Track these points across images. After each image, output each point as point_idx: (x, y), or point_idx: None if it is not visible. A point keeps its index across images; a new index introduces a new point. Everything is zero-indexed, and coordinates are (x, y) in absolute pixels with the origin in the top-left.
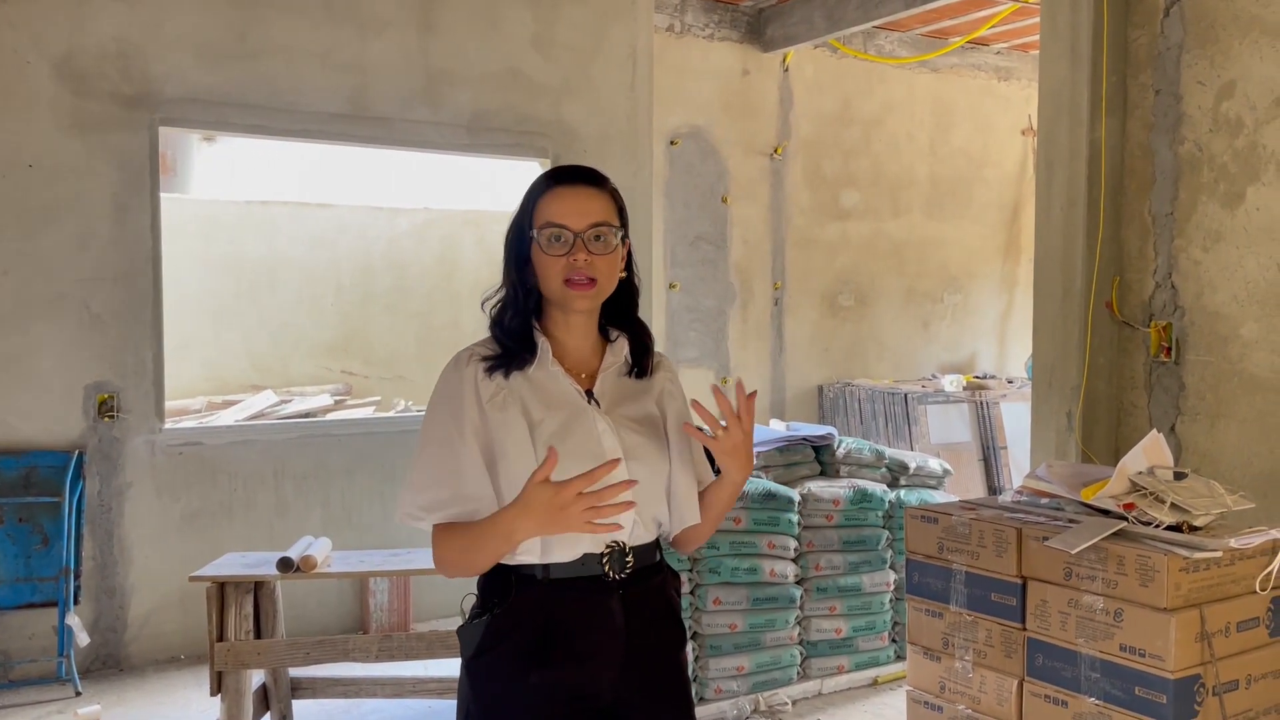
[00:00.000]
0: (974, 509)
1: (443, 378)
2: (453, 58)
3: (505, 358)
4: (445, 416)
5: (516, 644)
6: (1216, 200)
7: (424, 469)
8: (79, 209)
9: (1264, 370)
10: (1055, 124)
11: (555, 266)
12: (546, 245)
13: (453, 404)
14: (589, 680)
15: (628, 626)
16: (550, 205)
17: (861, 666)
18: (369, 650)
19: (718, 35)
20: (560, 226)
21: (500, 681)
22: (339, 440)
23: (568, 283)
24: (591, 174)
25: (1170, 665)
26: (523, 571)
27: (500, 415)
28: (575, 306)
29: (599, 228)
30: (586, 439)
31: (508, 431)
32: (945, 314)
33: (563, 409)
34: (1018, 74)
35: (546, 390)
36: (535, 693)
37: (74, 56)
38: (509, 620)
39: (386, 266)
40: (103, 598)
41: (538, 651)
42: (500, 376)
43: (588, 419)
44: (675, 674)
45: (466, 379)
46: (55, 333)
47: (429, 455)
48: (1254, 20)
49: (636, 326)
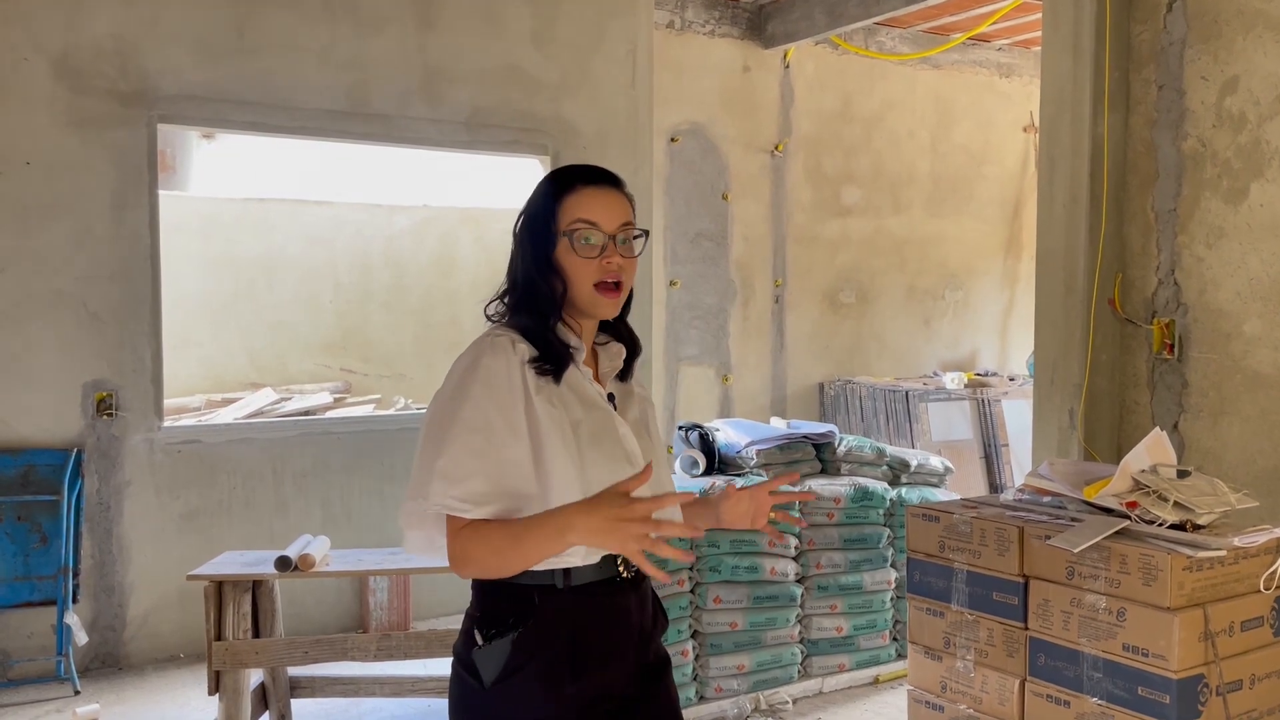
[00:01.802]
0: (975, 507)
1: (480, 362)
2: (451, 54)
3: (551, 359)
4: (489, 404)
5: (546, 659)
6: (1220, 196)
7: (460, 457)
8: (77, 207)
9: (1267, 367)
10: (1057, 120)
11: (587, 269)
12: (580, 246)
13: (500, 392)
14: (613, 681)
15: (640, 624)
16: (580, 204)
17: (862, 665)
18: (368, 649)
19: (718, 31)
20: (592, 225)
21: (535, 700)
22: (338, 438)
23: (598, 286)
24: (613, 175)
25: (1173, 665)
26: (543, 582)
27: (549, 411)
28: (601, 313)
29: (627, 229)
30: (615, 442)
31: (554, 429)
32: (946, 311)
33: (595, 410)
34: (1019, 70)
35: (580, 391)
36: (571, 703)
37: (71, 53)
38: (535, 636)
39: (385, 264)
40: (101, 596)
41: (568, 662)
42: (548, 376)
43: (614, 422)
44: (666, 663)
45: (515, 367)
46: (53, 331)
47: (466, 443)
48: (1258, 15)
49: (627, 332)
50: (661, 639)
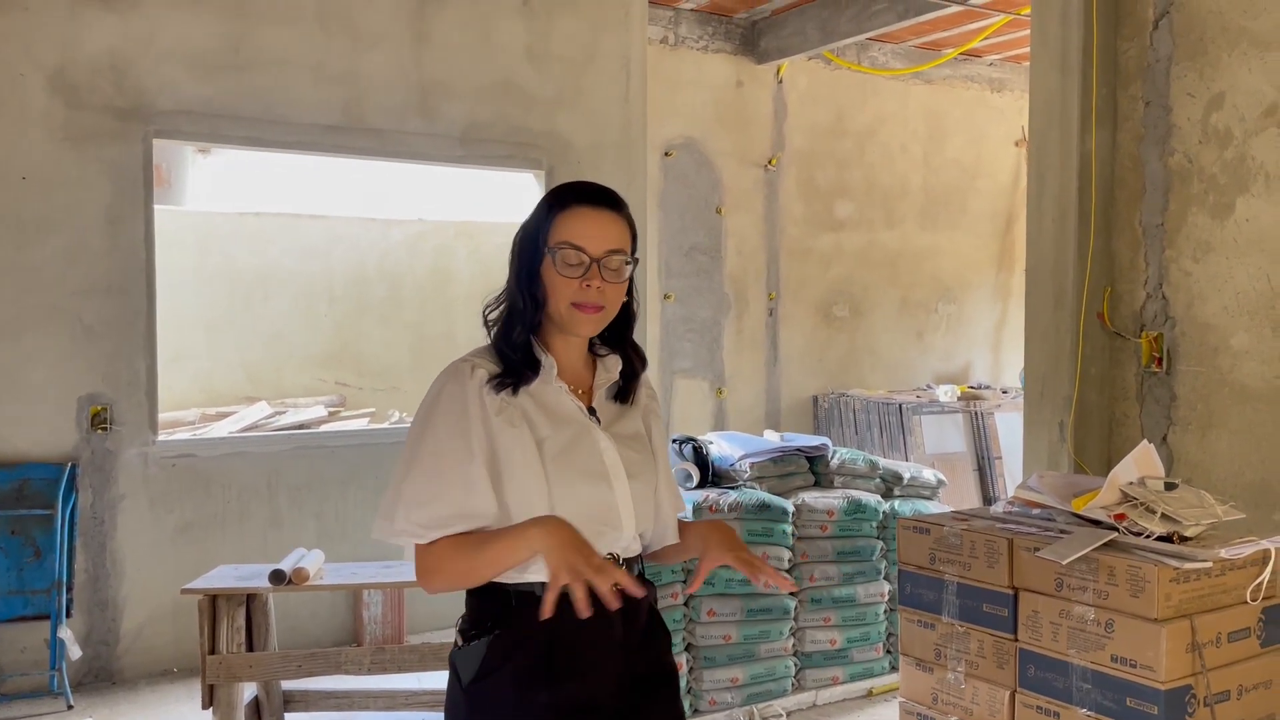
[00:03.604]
0: (966, 520)
1: (443, 390)
2: (446, 69)
3: (511, 374)
4: (447, 430)
5: (520, 664)
6: (1206, 211)
7: (422, 484)
8: (72, 221)
9: (1254, 380)
10: (1046, 135)
11: (567, 288)
12: (561, 265)
13: (457, 418)
14: (592, 694)
15: (625, 638)
16: (570, 224)
17: (856, 678)
18: (361, 663)
19: (711, 47)
20: (578, 249)
21: (506, 705)
22: (333, 452)
23: (575, 305)
24: (612, 196)
25: (1161, 676)
26: (522, 590)
27: (509, 431)
28: (578, 330)
29: (615, 255)
30: (590, 456)
31: (515, 447)
32: (939, 324)
33: (568, 426)
34: (1011, 85)
35: (551, 407)
36: (544, 711)
37: (67, 69)
38: (511, 640)
39: (380, 277)
40: (95, 610)
41: (543, 669)
42: (507, 392)
43: (591, 436)
44: (668, 678)
45: (471, 392)
46: (48, 344)
47: (427, 469)
48: (1242, 32)
49: (630, 350)
50: (666, 651)
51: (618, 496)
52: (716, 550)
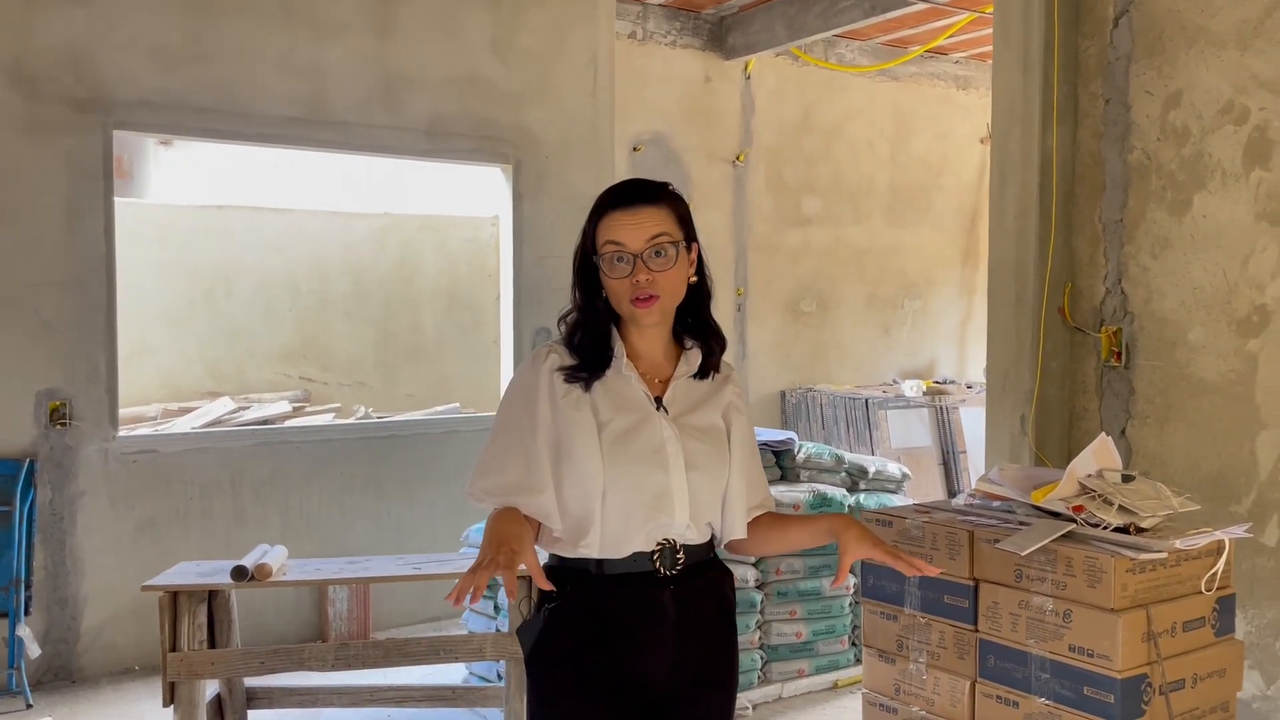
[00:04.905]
0: (928, 512)
1: (521, 372)
2: (411, 62)
3: (581, 369)
4: (518, 409)
5: (572, 632)
6: (1164, 208)
7: (492, 456)
8: (30, 213)
9: (1210, 374)
10: (1008, 133)
11: (621, 288)
12: (609, 268)
13: (527, 398)
14: (643, 669)
15: (680, 620)
16: (608, 228)
17: (822, 670)
18: (325, 659)
19: (679, 42)
20: (619, 246)
21: (558, 665)
22: (297, 447)
23: (632, 301)
24: (645, 189)
25: (1118, 665)
26: (577, 567)
27: (573, 413)
28: (644, 322)
29: (656, 241)
30: (649, 443)
31: (577, 429)
32: (906, 320)
33: (632, 412)
34: (976, 83)
35: (618, 393)
36: (590, 671)
37: (25, 59)
38: (566, 611)
39: (345, 271)
40: (54, 608)
41: (593, 638)
42: (579, 386)
43: (653, 424)
44: (726, 668)
45: (543, 374)
46: (5, 338)
47: (499, 443)
48: (1200, 31)
49: (708, 331)
50: (725, 648)
51: (673, 484)
52: (856, 545)
